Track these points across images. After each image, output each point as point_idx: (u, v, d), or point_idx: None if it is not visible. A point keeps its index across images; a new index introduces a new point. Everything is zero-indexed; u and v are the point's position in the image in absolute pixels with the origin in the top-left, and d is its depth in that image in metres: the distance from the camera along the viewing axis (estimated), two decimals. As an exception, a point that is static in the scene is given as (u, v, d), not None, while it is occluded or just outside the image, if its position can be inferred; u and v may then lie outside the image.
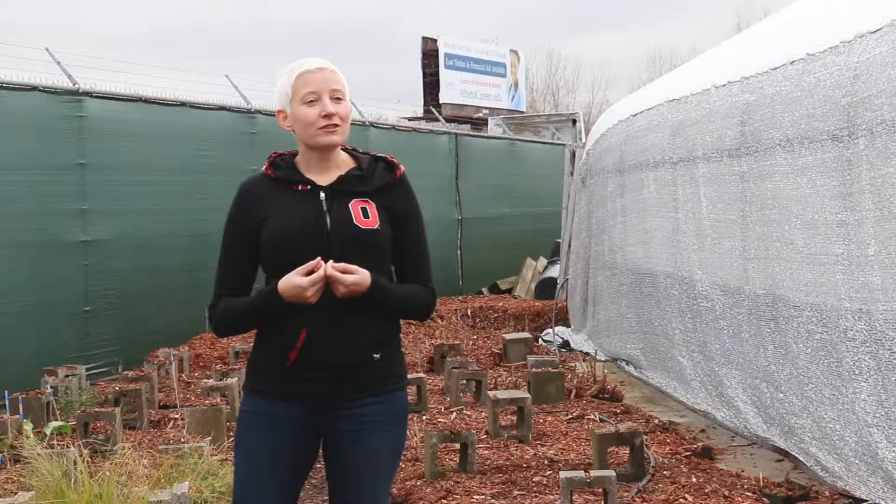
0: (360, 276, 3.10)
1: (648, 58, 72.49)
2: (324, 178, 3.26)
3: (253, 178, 3.35)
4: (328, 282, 3.09)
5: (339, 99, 3.23)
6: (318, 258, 3.09)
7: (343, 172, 3.28)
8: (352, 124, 3.35)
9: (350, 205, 3.22)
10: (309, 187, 3.25)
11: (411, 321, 12.31)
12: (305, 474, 3.32)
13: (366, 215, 3.22)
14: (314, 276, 3.07)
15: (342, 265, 3.09)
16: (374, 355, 3.21)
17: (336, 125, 3.21)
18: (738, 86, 7.18)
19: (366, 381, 3.20)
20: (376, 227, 3.21)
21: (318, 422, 3.21)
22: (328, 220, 3.19)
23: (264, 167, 3.33)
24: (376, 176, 3.30)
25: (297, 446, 3.23)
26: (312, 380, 3.17)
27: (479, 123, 27.27)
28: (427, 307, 3.38)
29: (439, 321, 12.97)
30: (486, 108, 29.99)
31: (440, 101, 28.95)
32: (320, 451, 3.30)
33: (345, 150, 3.37)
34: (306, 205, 3.21)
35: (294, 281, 3.07)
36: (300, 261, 3.10)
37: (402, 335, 3.41)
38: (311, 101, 3.20)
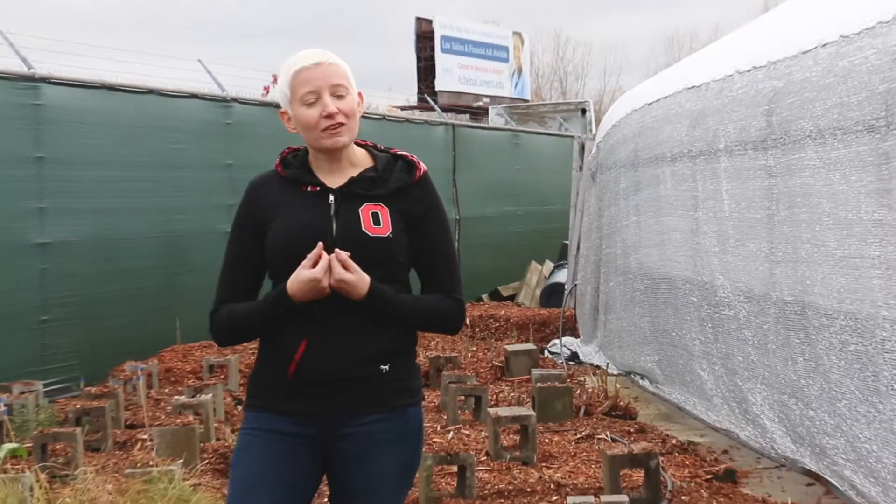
0: (356, 277, 3.13)
1: (666, 40, 72.83)
2: (336, 180, 3.29)
3: (263, 175, 3.39)
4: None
5: (341, 95, 3.24)
6: (320, 243, 3.13)
7: (356, 173, 3.30)
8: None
9: (360, 210, 3.24)
10: (318, 189, 3.27)
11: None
12: (308, 498, 3.31)
13: (376, 221, 3.24)
14: (323, 262, 3.11)
15: (346, 259, 3.12)
16: (382, 367, 3.22)
17: (340, 124, 3.22)
18: (764, 71, 7.19)
19: (373, 396, 3.21)
20: (387, 234, 3.23)
21: (322, 440, 3.23)
22: (334, 225, 3.22)
23: (276, 163, 3.36)
24: (393, 177, 3.31)
25: (298, 465, 3.24)
26: (314, 394, 3.20)
27: (479, 113, 27.30)
28: (450, 318, 3.36)
29: (435, 331, 12.95)
30: (487, 96, 30.04)
31: (436, 89, 28.99)
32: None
33: (362, 145, 3.39)
34: (313, 208, 3.24)
35: (304, 275, 3.11)
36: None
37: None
38: (310, 102, 3.22)
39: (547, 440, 7.51)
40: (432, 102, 21.54)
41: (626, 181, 10.41)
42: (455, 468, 6.27)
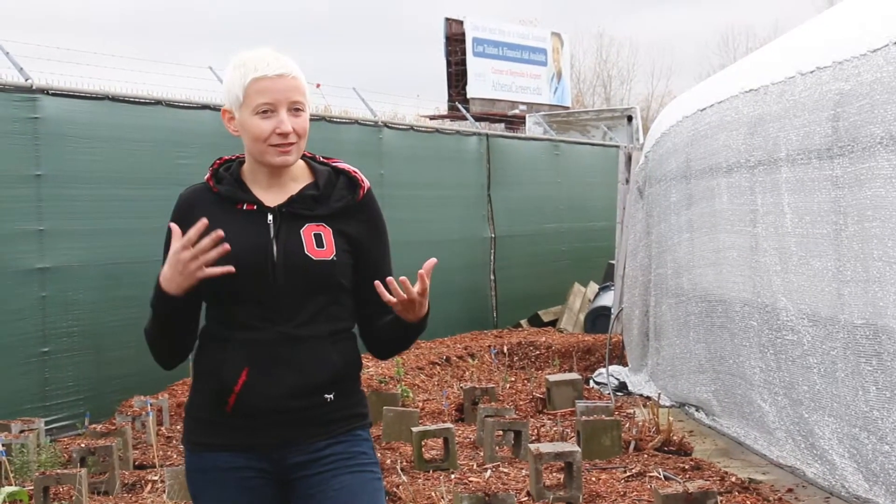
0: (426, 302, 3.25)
1: (720, 39, 72.78)
2: (273, 197, 3.32)
3: (193, 189, 3.42)
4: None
5: (298, 110, 3.27)
6: (219, 230, 3.12)
7: (296, 189, 3.33)
8: (362, 124, 3.39)
9: (302, 231, 3.29)
10: (255, 207, 3.31)
11: (436, 363, 12.33)
12: None
13: (319, 243, 3.28)
14: (192, 241, 3.11)
15: (432, 267, 3.22)
16: (327, 397, 3.29)
17: (292, 143, 3.26)
18: (829, 72, 7.17)
19: (319, 425, 3.29)
20: (331, 257, 3.28)
21: (276, 471, 3.31)
22: (274, 248, 3.26)
23: (206, 176, 3.39)
24: (334, 195, 3.35)
25: (263, 501, 3.32)
26: (257, 426, 3.26)
27: (515, 122, 27.30)
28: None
29: (469, 360, 12.98)
30: (524, 103, 30.07)
31: (468, 96, 29.03)
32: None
33: (302, 157, 3.42)
34: (250, 229, 3.28)
35: (170, 256, 3.16)
36: (241, 292, 3.23)
37: (423, 376, 3.46)
38: (265, 113, 3.24)
39: (593, 478, 7.49)
40: (464, 111, 21.58)
41: (677, 195, 10.39)
42: (493, 510, 6.27)
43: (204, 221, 3.11)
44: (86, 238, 10.38)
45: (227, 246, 3.12)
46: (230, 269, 3.14)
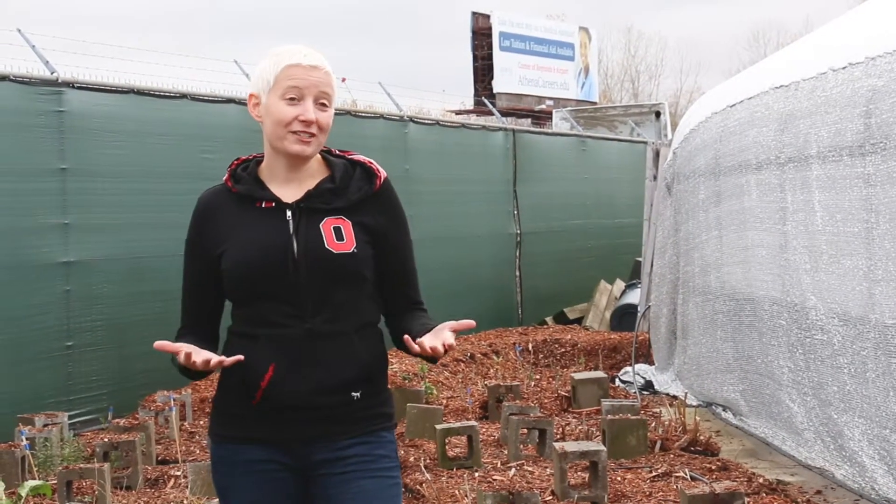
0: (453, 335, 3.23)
1: (750, 34, 72.52)
2: (291, 192, 3.35)
3: (212, 191, 3.47)
4: (307, 295, 3.25)
5: (324, 105, 3.31)
6: (239, 356, 3.21)
7: (313, 184, 3.36)
8: (387, 119, 3.42)
9: (321, 225, 3.31)
10: (273, 204, 3.34)
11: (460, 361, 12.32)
12: None
13: (339, 237, 3.31)
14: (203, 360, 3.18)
15: (451, 337, 3.21)
16: (353, 395, 3.32)
17: (312, 135, 3.29)
18: (861, 68, 7.13)
19: (343, 423, 3.32)
20: (352, 250, 3.30)
21: (296, 466, 3.34)
22: (295, 244, 3.29)
23: (225, 177, 3.43)
24: (352, 187, 3.38)
25: (288, 494, 3.36)
26: (283, 420, 3.30)
27: (542, 117, 27.31)
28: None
29: (494, 357, 12.98)
30: (550, 98, 30.06)
31: (494, 91, 29.06)
32: None
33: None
34: (270, 227, 3.31)
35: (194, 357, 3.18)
36: (264, 291, 3.26)
37: (447, 373, 3.49)
38: (291, 99, 3.28)
39: (619, 478, 7.48)
40: (490, 106, 21.55)
41: (705, 191, 10.36)
42: (518, 509, 6.26)
43: (238, 359, 3.21)
44: (110, 232, 10.40)
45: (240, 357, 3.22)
46: (239, 358, 3.21)
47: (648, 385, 11.45)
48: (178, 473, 7.73)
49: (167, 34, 58.85)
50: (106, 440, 8.01)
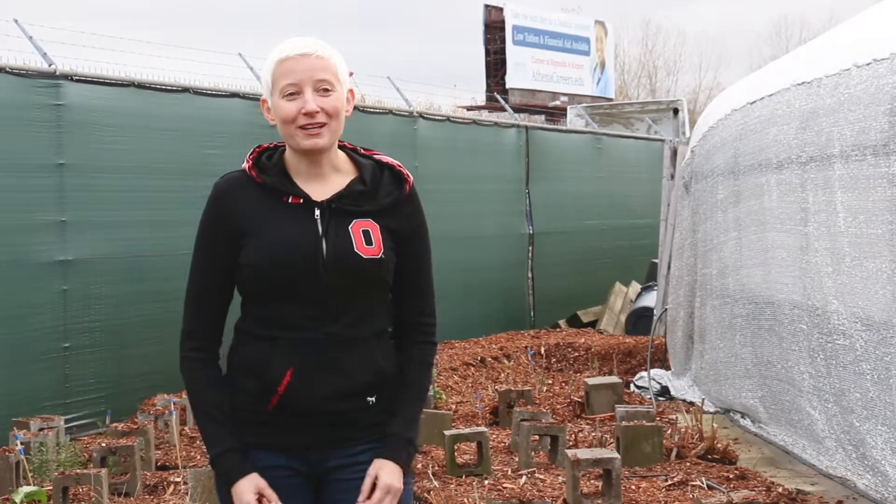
0: (396, 486, 3.31)
1: (771, 29, 72.44)
2: (317, 189, 3.33)
3: (231, 178, 3.41)
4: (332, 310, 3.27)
5: (326, 90, 3.27)
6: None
7: (342, 183, 3.34)
8: (397, 115, 3.41)
9: (350, 227, 3.30)
10: (301, 201, 3.31)
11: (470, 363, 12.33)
12: None
13: (368, 241, 3.31)
14: None
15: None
16: (369, 399, 3.34)
17: (320, 124, 3.26)
18: (886, 64, 7.12)
19: (360, 428, 3.35)
20: (380, 255, 3.31)
21: (313, 471, 3.37)
22: (324, 246, 3.27)
23: (247, 165, 3.38)
24: (382, 191, 3.37)
25: (299, 500, 3.38)
26: (298, 426, 3.31)
27: (556, 114, 27.32)
28: (430, 376, 3.56)
29: (505, 361, 12.97)
30: (565, 94, 30.06)
31: (507, 86, 29.06)
32: None
33: (341, 146, 3.43)
34: (298, 224, 3.29)
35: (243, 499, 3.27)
36: (287, 291, 3.24)
37: (457, 377, 3.52)
38: (290, 95, 3.26)
39: (633, 487, 7.48)
40: (503, 101, 21.57)
41: (724, 191, 10.35)
42: (528, 519, 6.27)
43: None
44: (109, 230, 10.39)
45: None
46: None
47: (664, 391, 11.44)
48: (178, 480, 7.74)
49: (169, 26, 58.94)
50: (103, 445, 8.01)
